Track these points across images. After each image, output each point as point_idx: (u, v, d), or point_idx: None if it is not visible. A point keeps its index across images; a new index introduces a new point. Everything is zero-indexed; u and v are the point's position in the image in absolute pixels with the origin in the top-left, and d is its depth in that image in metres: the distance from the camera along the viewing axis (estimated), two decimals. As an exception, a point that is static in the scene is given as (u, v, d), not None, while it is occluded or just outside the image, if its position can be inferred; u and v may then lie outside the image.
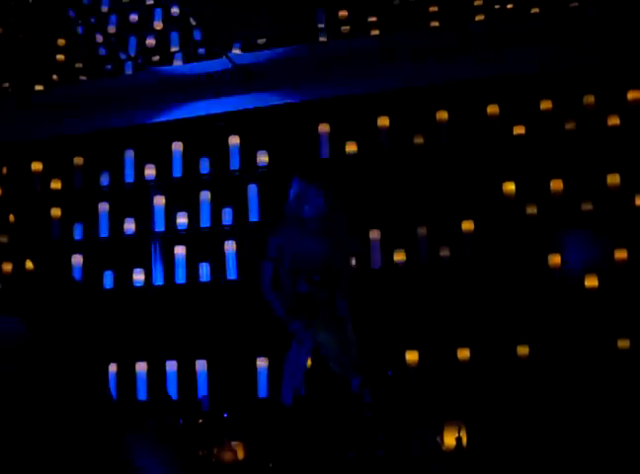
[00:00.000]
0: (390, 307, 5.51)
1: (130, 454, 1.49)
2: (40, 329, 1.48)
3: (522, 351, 5.27)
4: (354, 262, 5.13)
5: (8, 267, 6.59)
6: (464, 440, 3.73)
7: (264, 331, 5.22)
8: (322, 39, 6.20)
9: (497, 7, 6.08)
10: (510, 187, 5.68)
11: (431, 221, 5.72)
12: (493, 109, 5.82)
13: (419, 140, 5.88)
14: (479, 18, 6.05)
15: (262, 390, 5.48)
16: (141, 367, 5.78)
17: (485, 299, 5.47)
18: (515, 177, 5.69)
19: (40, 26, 7.08)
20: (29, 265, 6.56)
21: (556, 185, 5.62)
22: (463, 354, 5.34)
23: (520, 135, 5.77)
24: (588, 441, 4.10)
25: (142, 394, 5.71)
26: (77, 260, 6.34)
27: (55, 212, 6.53)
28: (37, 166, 6.68)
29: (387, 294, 5.54)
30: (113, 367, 5.83)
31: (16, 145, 6.76)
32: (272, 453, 3.66)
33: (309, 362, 4.54)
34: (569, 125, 5.69)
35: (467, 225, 5.64)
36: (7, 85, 7.02)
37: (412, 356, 5.39)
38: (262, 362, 5.54)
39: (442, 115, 5.88)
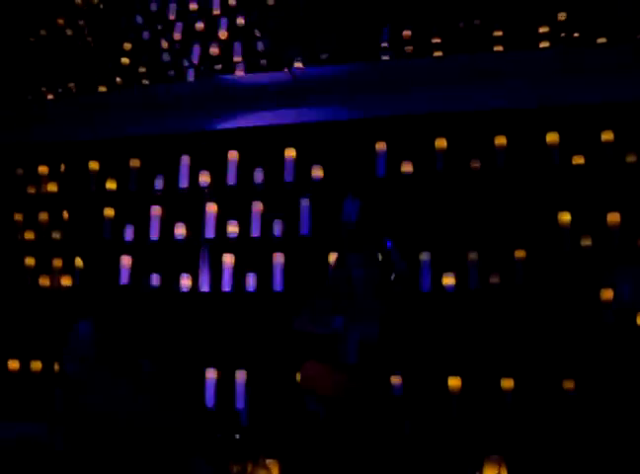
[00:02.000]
0: (436, 331, 5.45)
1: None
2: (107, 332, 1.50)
3: (568, 385, 5.16)
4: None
5: (59, 263, 6.69)
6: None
7: (306, 346, 5.20)
8: (385, 57, 6.18)
9: (563, 35, 5.99)
10: (565, 217, 5.58)
11: (482, 247, 5.65)
12: (553, 137, 5.74)
13: (475, 164, 5.81)
14: (544, 45, 5.97)
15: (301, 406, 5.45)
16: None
17: (533, 330, 5.38)
18: (571, 207, 5.59)
19: (108, 30, 7.20)
20: (78, 262, 6.66)
21: (613, 218, 5.51)
22: (507, 383, 5.26)
23: (578, 165, 5.67)
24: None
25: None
26: (126, 261, 6.41)
27: (109, 212, 6.62)
28: (94, 166, 6.78)
29: (434, 318, 5.48)
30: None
31: (75, 145, 6.88)
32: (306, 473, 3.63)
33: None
34: (630, 158, 5.58)
35: (520, 253, 5.56)
36: (72, 85, 7.15)
37: (455, 382, 5.33)
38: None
39: (501, 140, 5.81)
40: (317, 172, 6.10)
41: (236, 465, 3.68)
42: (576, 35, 5.96)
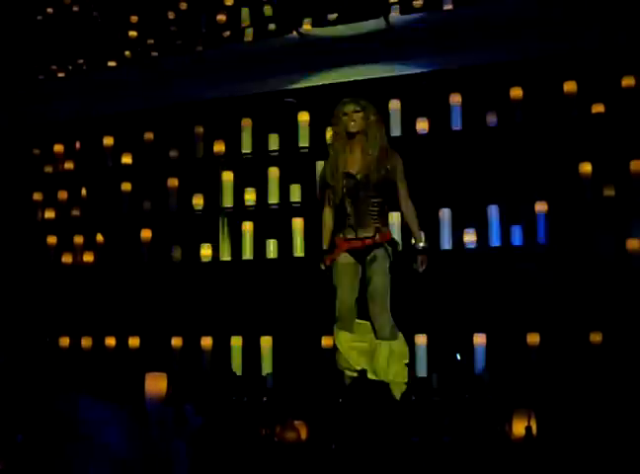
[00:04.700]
0: (459, 289, 5.40)
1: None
2: None
3: (595, 337, 5.10)
4: None
5: (80, 239, 6.70)
6: (534, 429, 3.61)
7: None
8: (393, 13, 6.07)
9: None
10: (586, 167, 5.48)
11: (503, 201, 5.57)
12: (570, 86, 5.62)
13: (492, 118, 5.72)
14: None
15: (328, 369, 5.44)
16: (206, 342, 5.81)
17: (558, 284, 5.31)
18: (592, 157, 5.49)
19: (113, 3, 7.15)
20: (99, 238, 6.67)
21: (636, 166, 5.40)
22: (533, 338, 5.21)
23: (598, 114, 5.55)
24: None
25: (207, 369, 5.75)
26: (146, 234, 6.41)
27: (126, 187, 6.61)
28: (108, 141, 6.77)
29: (457, 276, 5.43)
30: (177, 341, 5.89)
31: (89, 120, 6.86)
32: (335, 434, 3.62)
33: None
34: (651, 104, 5.46)
35: (541, 206, 5.48)
36: (82, 61, 7.13)
37: (480, 339, 5.28)
38: (327, 341, 5.50)
39: (517, 92, 5.71)
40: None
41: (265, 428, 3.70)
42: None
